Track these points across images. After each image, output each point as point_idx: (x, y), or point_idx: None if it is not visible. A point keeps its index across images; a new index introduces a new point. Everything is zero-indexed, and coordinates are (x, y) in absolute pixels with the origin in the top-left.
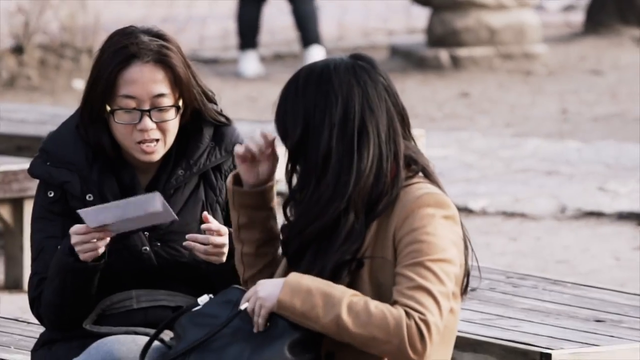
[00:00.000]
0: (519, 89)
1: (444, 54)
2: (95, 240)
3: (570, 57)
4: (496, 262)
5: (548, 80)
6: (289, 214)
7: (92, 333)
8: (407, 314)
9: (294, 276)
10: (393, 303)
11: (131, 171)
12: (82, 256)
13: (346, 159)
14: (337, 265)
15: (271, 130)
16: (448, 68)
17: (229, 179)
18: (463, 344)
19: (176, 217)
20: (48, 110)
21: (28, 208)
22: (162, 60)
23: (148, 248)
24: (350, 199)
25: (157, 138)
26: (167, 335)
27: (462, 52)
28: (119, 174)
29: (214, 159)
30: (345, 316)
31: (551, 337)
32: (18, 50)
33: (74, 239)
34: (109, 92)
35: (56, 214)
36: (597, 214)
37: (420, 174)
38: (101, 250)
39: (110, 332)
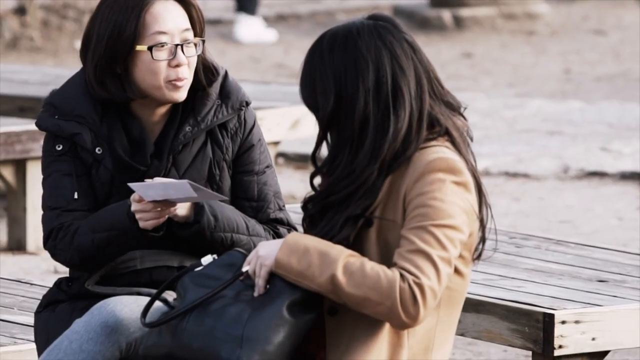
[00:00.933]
0: (521, 49)
1: (446, 14)
2: (159, 209)
3: (573, 16)
4: (499, 223)
5: (551, 40)
6: (315, 185)
7: (95, 293)
8: (402, 276)
9: (293, 235)
10: (392, 265)
11: (140, 125)
12: (142, 224)
13: (384, 123)
14: (347, 219)
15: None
16: (451, 28)
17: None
18: (466, 304)
19: (224, 197)
20: (51, 71)
21: (31, 169)
22: None
23: None
24: (384, 160)
25: (187, 76)
26: (171, 295)
27: (465, 12)
28: (127, 128)
29: (221, 116)
30: (340, 275)
31: (554, 297)
32: (20, 11)
33: (135, 207)
34: (139, 32)
35: (68, 159)
36: (600, 174)
37: (445, 137)
38: (163, 219)
39: (114, 293)
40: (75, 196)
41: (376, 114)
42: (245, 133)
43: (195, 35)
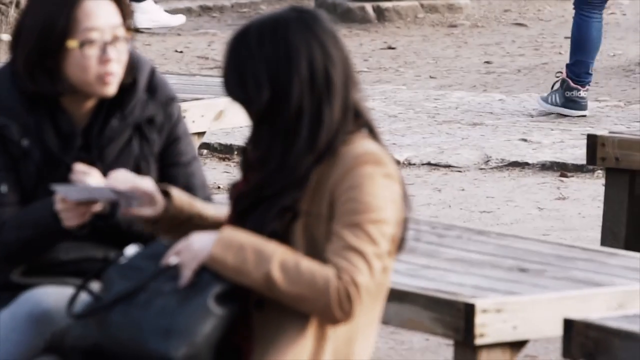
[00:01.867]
0: (443, 42)
1: (368, 7)
2: (82, 209)
3: (494, 9)
4: (421, 213)
5: (472, 32)
6: (249, 179)
7: (21, 284)
8: (336, 274)
9: (228, 231)
10: (326, 262)
11: (68, 118)
12: (66, 222)
13: (319, 113)
14: (278, 211)
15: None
16: (373, 21)
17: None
18: (389, 294)
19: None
20: None
21: None
22: None
23: None
24: (319, 151)
25: (116, 71)
26: (98, 286)
27: (387, 4)
28: (55, 121)
29: (147, 111)
30: (275, 272)
31: (476, 286)
32: None
33: (59, 206)
34: (70, 29)
35: None
36: (520, 165)
37: (364, 129)
38: (87, 218)
39: (39, 283)
40: (3, 190)
41: (311, 104)
42: (171, 126)
43: (126, 30)
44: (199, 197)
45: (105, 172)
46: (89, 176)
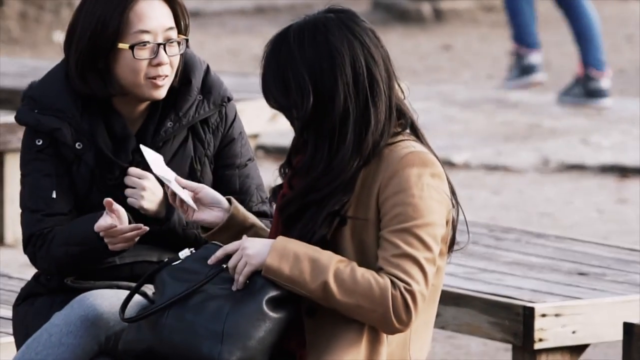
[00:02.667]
0: (501, 42)
1: (426, 7)
2: (129, 235)
3: (553, 9)
4: (479, 216)
5: None
6: (291, 185)
7: (74, 287)
8: (392, 283)
9: (281, 240)
10: (378, 270)
11: (121, 120)
12: (111, 247)
13: (365, 115)
14: (325, 216)
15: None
16: (430, 21)
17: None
18: (446, 298)
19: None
20: (28, 63)
21: (9, 162)
22: None
23: None
24: (366, 153)
25: (168, 74)
26: (150, 289)
27: (445, 4)
28: (109, 123)
29: (202, 112)
30: (332, 283)
31: (534, 290)
32: None
33: (104, 233)
34: (122, 30)
35: (47, 157)
36: (579, 167)
37: (407, 130)
38: (132, 243)
39: (93, 287)
40: (54, 195)
41: (356, 106)
42: (226, 127)
43: (179, 33)
44: (255, 199)
45: None
46: (144, 179)
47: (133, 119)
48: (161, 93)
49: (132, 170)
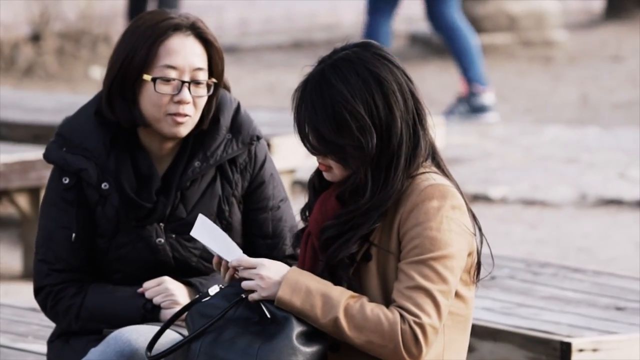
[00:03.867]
0: (538, 76)
1: None
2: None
3: (591, 43)
4: (516, 250)
5: (568, 66)
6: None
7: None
8: (402, 317)
9: (293, 273)
10: (392, 301)
11: (148, 159)
12: (164, 304)
13: (414, 138)
14: (360, 237)
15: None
16: None
17: None
18: (483, 332)
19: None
20: (65, 99)
21: None
22: (201, 35)
23: (163, 240)
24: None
25: (190, 114)
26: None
27: (482, 39)
28: (135, 162)
29: (230, 151)
30: (342, 319)
31: (571, 325)
32: (35, 38)
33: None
34: (149, 62)
35: (69, 203)
36: (617, 202)
37: (429, 160)
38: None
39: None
40: (67, 250)
41: (407, 131)
42: (255, 168)
43: (210, 76)
44: (288, 242)
45: (189, 213)
46: (162, 283)
47: (161, 156)
48: (181, 131)
49: (146, 284)
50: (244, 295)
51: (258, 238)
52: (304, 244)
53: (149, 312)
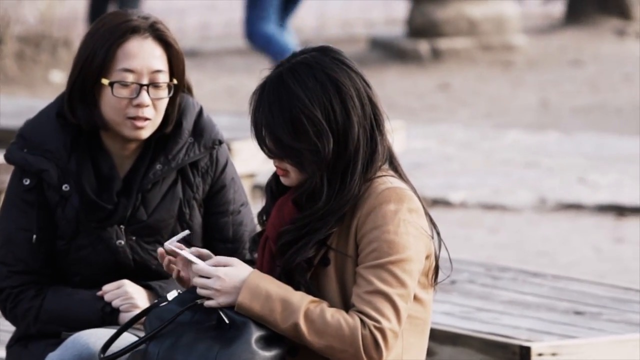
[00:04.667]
0: (499, 81)
1: (423, 46)
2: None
3: (550, 48)
4: (476, 255)
5: (528, 71)
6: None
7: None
8: (362, 322)
9: (254, 277)
10: (351, 306)
11: (109, 161)
12: (123, 308)
13: (372, 144)
14: (317, 242)
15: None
16: (428, 59)
17: None
18: (442, 337)
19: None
20: (25, 103)
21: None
22: (160, 37)
23: (123, 242)
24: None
25: (150, 117)
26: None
27: (442, 43)
28: (97, 163)
29: (192, 155)
30: (302, 324)
31: (531, 329)
32: None
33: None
34: (107, 66)
35: (30, 204)
36: (577, 206)
37: (386, 164)
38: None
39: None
40: (26, 252)
41: (364, 136)
42: (217, 172)
43: (171, 78)
44: (247, 247)
45: (150, 215)
46: (121, 287)
47: (123, 158)
48: (142, 134)
49: (106, 287)
50: (199, 302)
51: (219, 242)
52: (261, 249)
53: (107, 315)
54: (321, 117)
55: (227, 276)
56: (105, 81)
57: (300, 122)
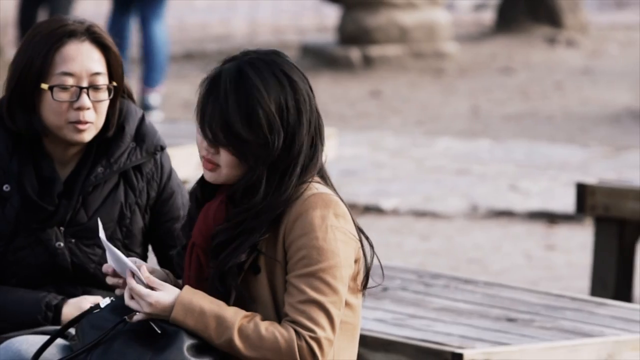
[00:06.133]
0: (430, 88)
1: (355, 53)
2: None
3: (481, 55)
4: (408, 262)
5: (459, 78)
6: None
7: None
8: (297, 333)
9: (187, 293)
10: (284, 316)
11: (51, 164)
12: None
13: (312, 148)
14: (250, 245)
15: None
16: (359, 67)
17: None
18: (375, 343)
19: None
20: None
21: None
22: (97, 40)
23: (62, 244)
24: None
25: (91, 120)
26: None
27: (373, 50)
28: (38, 165)
29: (134, 159)
30: (237, 340)
31: (463, 336)
32: None
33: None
34: (46, 71)
35: None
36: (508, 213)
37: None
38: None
39: (19, 333)
40: None
41: (309, 142)
42: (163, 178)
43: (110, 80)
44: (175, 260)
45: (90, 218)
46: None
47: (64, 162)
48: (84, 137)
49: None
50: (127, 318)
51: (172, 248)
52: (188, 257)
53: (50, 310)
54: (276, 112)
55: (159, 303)
56: (44, 86)
57: (256, 114)
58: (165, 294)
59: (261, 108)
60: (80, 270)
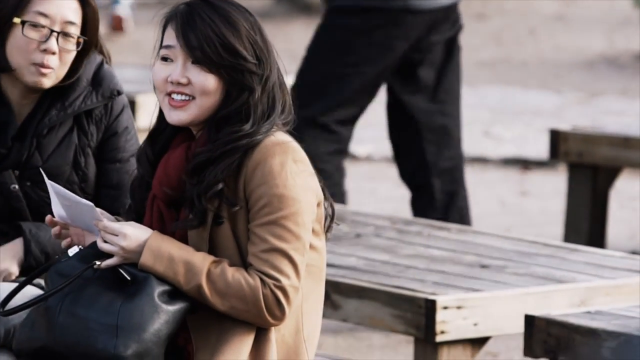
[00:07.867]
0: None
1: None
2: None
3: None
4: (381, 208)
5: None
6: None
7: None
8: (262, 281)
9: (156, 240)
10: (249, 266)
11: (7, 106)
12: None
13: (282, 92)
14: (221, 171)
15: None
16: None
17: None
18: (348, 290)
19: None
20: None
21: None
22: None
23: (17, 186)
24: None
25: (54, 67)
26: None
27: None
28: None
29: (89, 102)
30: (205, 286)
31: (436, 283)
32: None
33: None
34: (23, 6)
35: None
36: (482, 160)
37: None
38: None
39: None
40: None
41: (277, 85)
42: (110, 120)
43: (82, 34)
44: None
45: (45, 161)
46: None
47: (21, 107)
48: (44, 82)
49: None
50: (98, 262)
51: (102, 188)
52: (149, 210)
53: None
54: (253, 43)
55: (133, 235)
56: (17, 20)
57: (243, 32)
58: (138, 229)
59: (244, 27)
60: (36, 212)
